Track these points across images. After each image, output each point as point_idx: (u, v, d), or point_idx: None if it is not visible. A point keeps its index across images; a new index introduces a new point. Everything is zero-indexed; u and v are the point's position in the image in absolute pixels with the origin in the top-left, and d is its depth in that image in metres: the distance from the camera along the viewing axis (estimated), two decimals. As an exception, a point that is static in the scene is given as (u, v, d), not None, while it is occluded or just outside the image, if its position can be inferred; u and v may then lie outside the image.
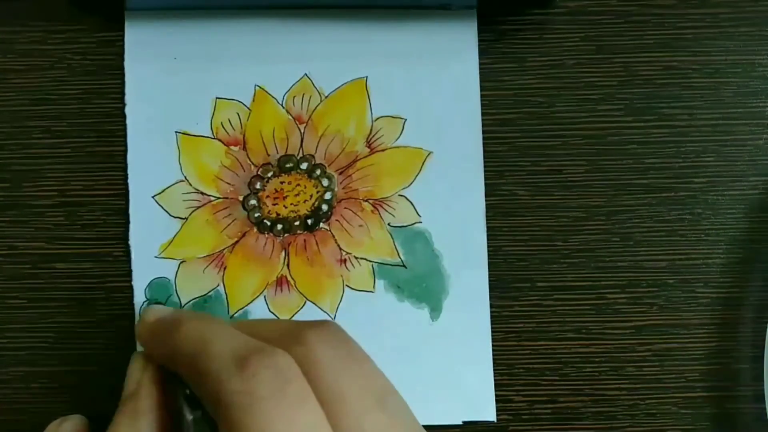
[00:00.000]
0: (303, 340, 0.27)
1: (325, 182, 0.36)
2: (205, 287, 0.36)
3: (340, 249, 0.36)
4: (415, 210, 0.36)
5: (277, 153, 0.36)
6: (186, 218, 0.36)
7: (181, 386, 0.29)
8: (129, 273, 0.36)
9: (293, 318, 0.36)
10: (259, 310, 0.36)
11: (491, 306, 0.36)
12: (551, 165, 0.36)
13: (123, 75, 0.36)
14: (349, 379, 0.27)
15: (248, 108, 0.36)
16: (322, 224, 0.36)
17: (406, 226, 0.36)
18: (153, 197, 0.36)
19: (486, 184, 0.36)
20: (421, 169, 0.36)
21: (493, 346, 0.36)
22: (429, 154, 0.36)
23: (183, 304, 0.36)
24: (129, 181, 0.36)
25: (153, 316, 0.32)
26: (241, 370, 0.26)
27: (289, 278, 0.36)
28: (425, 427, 0.28)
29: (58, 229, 0.36)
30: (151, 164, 0.36)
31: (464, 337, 0.36)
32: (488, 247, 0.36)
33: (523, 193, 0.36)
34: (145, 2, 0.36)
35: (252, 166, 0.36)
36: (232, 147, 0.36)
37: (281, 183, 0.36)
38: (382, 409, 0.27)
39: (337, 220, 0.36)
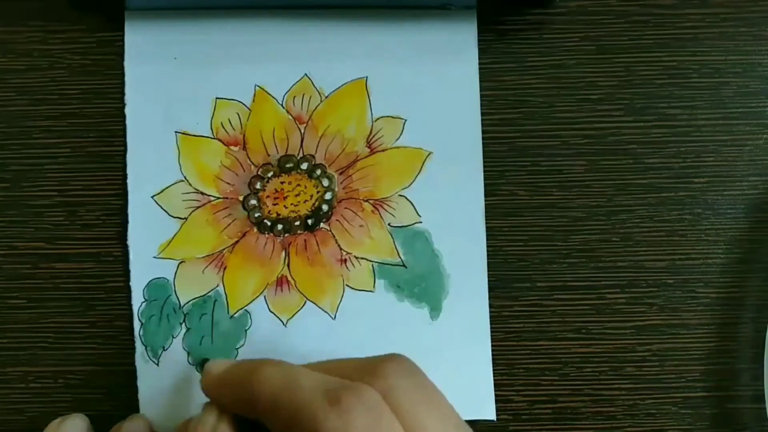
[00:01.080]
0: (381, 374, 0.28)
1: (326, 182, 0.36)
2: (204, 287, 0.36)
3: (341, 249, 0.36)
4: (415, 210, 0.36)
5: (278, 153, 0.36)
6: (185, 218, 0.36)
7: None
8: (128, 273, 0.36)
9: (294, 317, 0.36)
10: (259, 310, 0.36)
11: (491, 306, 0.36)
12: (551, 165, 0.36)
13: (123, 75, 0.36)
14: (428, 409, 0.28)
15: (248, 108, 0.36)
16: (322, 224, 0.36)
17: (406, 226, 0.36)
18: (152, 197, 0.36)
19: (486, 184, 0.36)
20: (421, 169, 0.36)
21: (492, 346, 0.36)
22: (429, 154, 0.36)
23: (182, 305, 0.36)
24: (128, 180, 0.36)
25: (219, 368, 0.32)
26: (335, 405, 0.26)
27: (289, 278, 0.36)
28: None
29: (57, 228, 0.36)
30: (151, 164, 0.36)
31: (464, 337, 0.36)
32: (488, 247, 0.36)
33: (522, 193, 0.36)
34: (145, 2, 0.36)
35: (252, 166, 0.36)
36: (232, 147, 0.36)
37: (281, 183, 0.36)
38: None
39: (337, 220, 0.36)
